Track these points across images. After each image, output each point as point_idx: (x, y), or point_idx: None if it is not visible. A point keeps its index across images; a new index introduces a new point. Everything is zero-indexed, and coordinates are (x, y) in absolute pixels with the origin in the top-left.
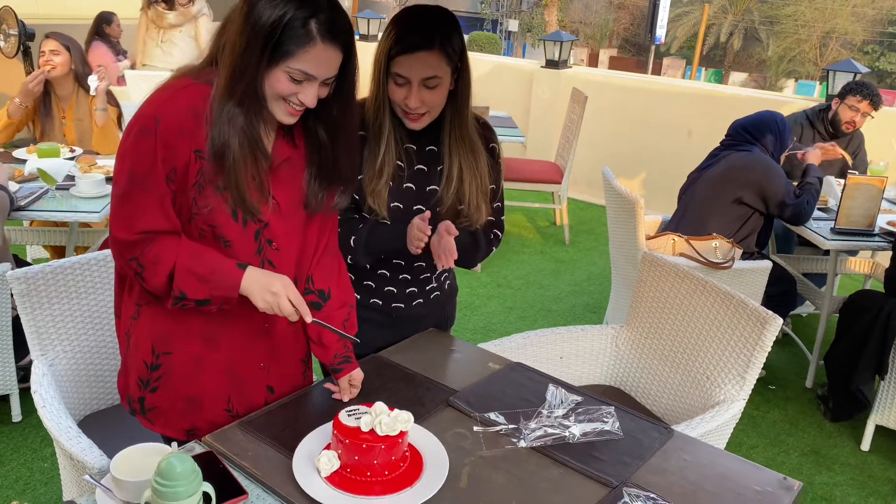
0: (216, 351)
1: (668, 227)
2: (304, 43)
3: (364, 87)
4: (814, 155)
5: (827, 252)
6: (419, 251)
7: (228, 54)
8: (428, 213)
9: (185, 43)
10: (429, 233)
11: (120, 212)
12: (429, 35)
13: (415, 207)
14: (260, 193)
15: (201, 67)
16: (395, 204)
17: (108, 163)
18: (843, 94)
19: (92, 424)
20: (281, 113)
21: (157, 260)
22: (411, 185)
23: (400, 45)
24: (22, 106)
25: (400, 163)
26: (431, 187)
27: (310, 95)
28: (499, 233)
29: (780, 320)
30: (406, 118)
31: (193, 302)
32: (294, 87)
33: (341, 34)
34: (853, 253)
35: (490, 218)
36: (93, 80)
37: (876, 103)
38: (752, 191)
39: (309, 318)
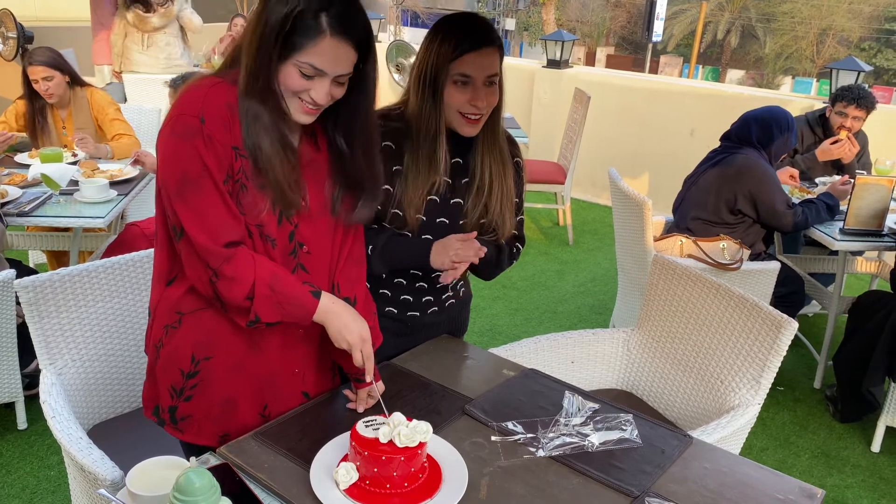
0: (258, 356)
1: (672, 230)
2: (313, 36)
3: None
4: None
5: (834, 252)
6: (448, 281)
7: (245, 53)
8: (474, 234)
9: (170, 46)
10: (464, 268)
11: (193, 216)
12: (490, 32)
13: (438, 220)
14: (297, 187)
15: (224, 68)
16: (418, 216)
17: (111, 167)
18: (832, 101)
19: (101, 434)
20: (296, 111)
21: (234, 278)
22: (435, 198)
23: (466, 44)
24: None
25: None
26: (455, 200)
27: (321, 92)
28: (520, 246)
29: (796, 324)
30: (465, 124)
31: (265, 324)
32: (305, 82)
33: (353, 29)
34: (860, 253)
35: (514, 231)
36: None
37: (863, 105)
38: (745, 198)
39: (369, 378)
